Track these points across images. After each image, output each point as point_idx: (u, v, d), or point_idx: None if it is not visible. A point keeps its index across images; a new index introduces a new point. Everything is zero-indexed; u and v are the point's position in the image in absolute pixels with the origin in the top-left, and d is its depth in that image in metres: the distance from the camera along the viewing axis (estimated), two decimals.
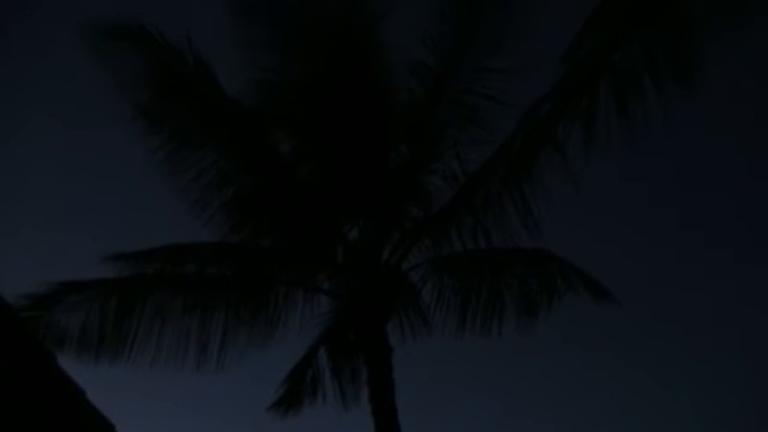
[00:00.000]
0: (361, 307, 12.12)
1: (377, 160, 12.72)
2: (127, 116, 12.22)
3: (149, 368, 11.93)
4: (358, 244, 12.69)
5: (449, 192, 12.55)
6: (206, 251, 12.71)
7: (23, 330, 6.01)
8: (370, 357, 12.03)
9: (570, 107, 10.26)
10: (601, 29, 9.64)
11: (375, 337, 11.99)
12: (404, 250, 12.60)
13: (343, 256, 12.75)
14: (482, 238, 12.18)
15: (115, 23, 12.08)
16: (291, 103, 12.63)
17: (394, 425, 11.49)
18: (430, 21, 12.27)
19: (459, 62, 12.33)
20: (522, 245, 12.11)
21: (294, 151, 12.83)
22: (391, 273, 12.44)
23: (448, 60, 12.32)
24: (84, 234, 22.60)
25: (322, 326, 12.59)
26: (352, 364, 12.65)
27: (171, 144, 12.27)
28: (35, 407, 5.50)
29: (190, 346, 12.07)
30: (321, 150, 12.73)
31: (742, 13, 8.31)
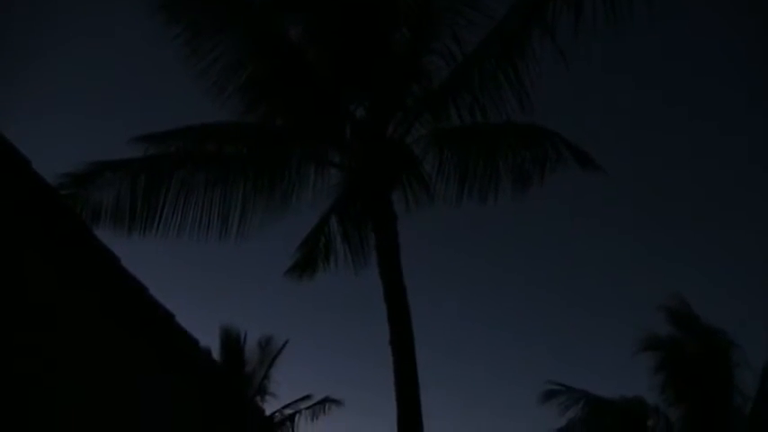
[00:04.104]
0: (369, 178, 12.63)
1: (380, 42, 12.93)
2: (148, 8, 12.51)
3: (176, 238, 12.43)
4: (364, 121, 13.07)
5: (447, 71, 12.89)
6: (224, 130, 13.07)
7: (63, 206, 6.50)
8: (377, 224, 12.57)
9: None
10: None
11: (381, 206, 12.49)
12: (406, 126, 12.98)
13: (351, 132, 13.13)
14: (479, 114, 12.51)
15: None
16: None
17: (400, 286, 12.09)
18: None
19: None
20: (516, 120, 12.58)
21: (303, 36, 13.06)
22: (395, 146, 12.84)
23: None
24: (113, 118, 23.21)
25: (333, 196, 13.22)
26: (360, 231, 13.26)
27: (188, 33, 12.50)
28: (76, 273, 6.04)
29: (213, 217, 12.52)
30: (328, 34, 12.92)
31: None
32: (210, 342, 24.03)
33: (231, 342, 25.74)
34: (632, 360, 19.27)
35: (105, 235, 9.24)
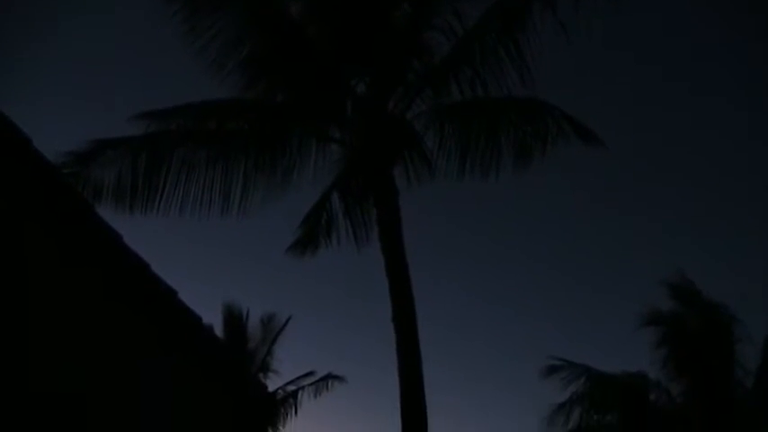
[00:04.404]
0: (370, 154, 12.62)
1: (381, 17, 12.90)
2: None
3: (178, 216, 12.41)
4: (365, 96, 13.04)
5: (448, 46, 12.86)
6: (225, 107, 13.01)
7: (65, 185, 6.50)
8: (378, 200, 12.58)
9: None
10: None
11: (383, 181, 12.49)
12: (407, 101, 12.97)
13: (352, 108, 13.10)
14: (480, 88, 12.53)
15: None
16: None
17: (402, 261, 12.14)
18: None
19: None
20: (517, 94, 12.57)
21: (303, 11, 12.99)
22: (396, 122, 12.82)
23: None
24: (113, 96, 23.18)
25: (334, 172, 13.17)
26: (362, 207, 13.24)
27: (187, 10, 12.38)
28: (78, 251, 6.05)
29: (214, 194, 12.49)
30: (328, 10, 12.88)
31: None
32: (213, 319, 24.08)
33: (234, 319, 25.82)
34: (634, 335, 19.32)
35: (107, 213, 9.30)
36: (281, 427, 24.10)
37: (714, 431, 17.84)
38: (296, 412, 24.33)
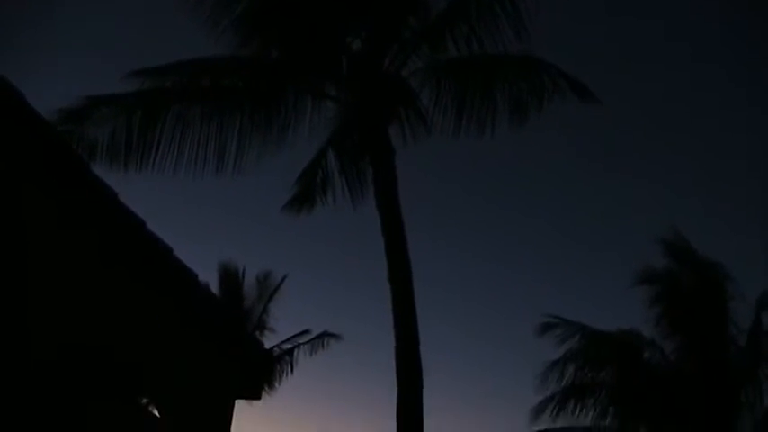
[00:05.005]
0: (365, 111, 12.58)
1: None
2: None
3: (173, 173, 12.35)
4: (361, 53, 12.98)
5: (444, 2, 12.81)
6: (220, 65, 12.91)
7: (60, 142, 6.47)
8: (374, 157, 12.58)
9: None
10: None
11: (378, 139, 12.47)
12: (403, 58, 12.93)
13: (347, 65, 13.03)
14: (475, 45, 12.53)
15: None
16: None
17: (398, 219, 12.16)
18: None
19: None
20: (513, 51, 12.54)
21: None
22: (392, 79, 12.79)
23: None
24: (107, 53, 23.00)
25: (330, 130, 13.19)
26: (358, 164, 13.26)
27: None
28: (73, 209, 6.04)
29: (209, 152, 12.43)
30: None
31: None
32: (209, 278, 24.14)
33: (230, 278, 25.89)
34: (629, 293, 19.43)
35: (101, 171, 9.25)
36: (277, 385, 24.29)
37: (707, 389, 18.01)
38: (292, 370, 24.53)
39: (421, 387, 11.39)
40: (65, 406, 7.56)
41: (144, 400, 9.82)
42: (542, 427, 19.22)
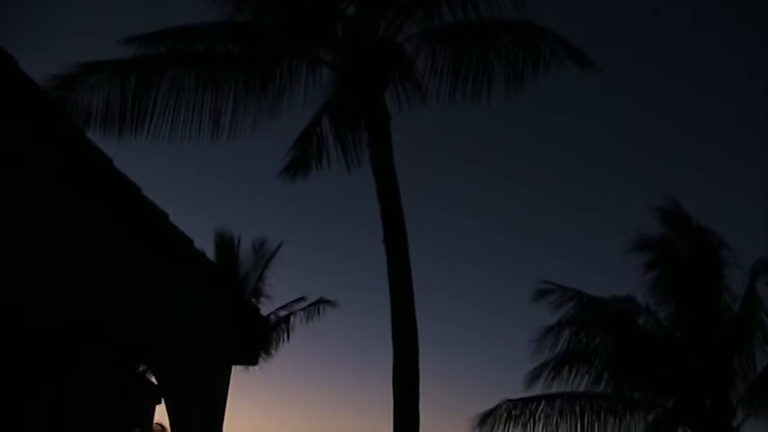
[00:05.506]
0: (360, 76, 12.54)
1: None
2: None
3: (168, 140, 12.33)
4: (355, 19, 12.92)
5: None
6: (214, 30, 12.83)
7: (53, 108, 6.44)
8: (369, 122, 12.56)
9: None
10: None
11: (373, 104, 12.46)
12: (398, 24, 12.87)
13: (342, 31, 12.98)
14: (471, 10, 12.50)
15: None
16: None
17: (393, 183, 12.19)
18: None
19: None
20: (509, 17, 12.49)
21: None
22: (387, 45, 12.74)
23: None
24: (100, 19, 22.84)
25: (325, 96, 13.17)
26: (353, 130, 13.26)
27: None
28: (68, 175, 6.03)
29: (204, 118, 12.40)
30: None
31: None
32: (205, 247, 24.15)
33: (225, 245, 25.87)
34: (624, 260, 19.46)
35: (96, 138, 9.24)
36: (273, 351, 24.39)
37: (701, 356, 18.11)
38: (288, 337, 24.60)
39: (416, 352, 11.45)
40: (60, 373, 7.62)
41: (141, 367, 9.89)
42: (537, 392, 19.33)
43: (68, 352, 7.52)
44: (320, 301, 24.90)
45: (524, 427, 17.99)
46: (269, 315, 24.43)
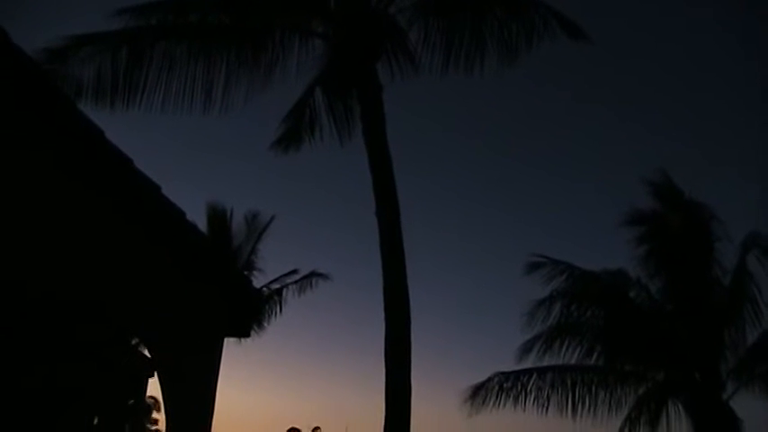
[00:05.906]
0: (352, 47, 12.46)
1: None
2: None
3: (160, 112, 12.26)
4: None
5: None
6: (205, 1, 12.78)
7: (45, 80, 6.42)
8: (362, 94, 12.52)
9: None
10: None
11: (366, 76, 12.40)
12: None
13: (335, 2, 12.91)
14: None
15: None
16: None
17: (385, 155, 12.15)
18: None
19: None
20: None
21: None
22: (379, 16, 12.66)
23: None
24: None
25: (317, 68, 13.11)
26: (345, 102, 13.23)
27: None
28: (60, 147, 6.02)
29: (196, 90, 12.33)
30: None
31: None
32: (197, 219, 24.12)
33: (217, 218, 25.83)
34: (616, 233, 19.52)
35: (87, 110, 9.18)
36: (266, 324, 24.44)
37: (691, 329, 18.21)
38: (281, 310, 24.65)
39: (408, 324, 11.47)
40: (55, 349, 7.64)
41: (134, 340, 9.91)
42: (528, 365, 19.43)
43: (63, 327, 7.53)
44: (312, 274, 24.95)
45: (516, 399, 18.09)
46: (261, 288, 24.46)
